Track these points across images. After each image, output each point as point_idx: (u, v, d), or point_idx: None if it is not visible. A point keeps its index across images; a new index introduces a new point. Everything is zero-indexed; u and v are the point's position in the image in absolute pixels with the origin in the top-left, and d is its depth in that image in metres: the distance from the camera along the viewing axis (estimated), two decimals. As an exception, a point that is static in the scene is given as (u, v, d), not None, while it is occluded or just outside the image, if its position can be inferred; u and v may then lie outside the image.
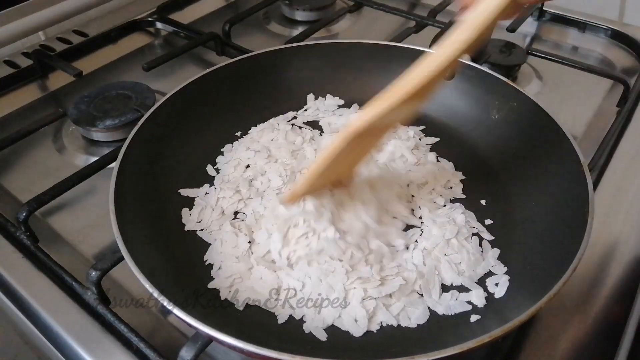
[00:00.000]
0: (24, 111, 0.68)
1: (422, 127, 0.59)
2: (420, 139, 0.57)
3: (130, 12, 0.85)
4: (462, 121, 0.58)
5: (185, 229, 0.48)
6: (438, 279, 0.44)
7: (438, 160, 0.55)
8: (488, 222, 0.49)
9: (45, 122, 0.61)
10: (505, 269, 0.45)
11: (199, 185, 0.53)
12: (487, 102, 0.57)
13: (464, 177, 0.53)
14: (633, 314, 0.44)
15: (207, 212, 0.49)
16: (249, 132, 0.59)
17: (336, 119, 0.60)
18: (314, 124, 0.60)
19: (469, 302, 0.43)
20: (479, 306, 0.42)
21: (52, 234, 0.52)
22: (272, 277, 0.43)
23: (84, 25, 0.83)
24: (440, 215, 0.48)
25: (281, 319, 0.41)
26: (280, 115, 0.60)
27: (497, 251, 0.46)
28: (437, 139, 0.58)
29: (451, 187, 0.52)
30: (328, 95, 0.63)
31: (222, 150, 0.57)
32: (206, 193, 0.52)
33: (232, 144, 0.57)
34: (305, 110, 0.61)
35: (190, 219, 0.49)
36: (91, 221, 0.53)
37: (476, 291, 0.43)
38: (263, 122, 0.59)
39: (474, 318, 0.41)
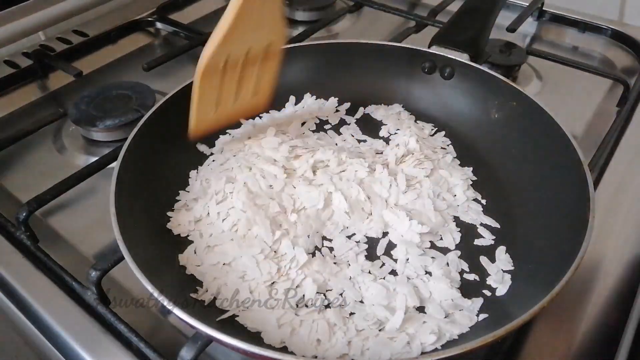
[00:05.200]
0: (24, 111, 0.68)
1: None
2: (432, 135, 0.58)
3: (130, 12, 0.85)
4: (462, 121, 0.58)
5: (168, 226, 0.48)
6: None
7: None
8: (488, 221, 0.49)
9: (45, 122, 0.61)
10: (513, 267, 0.45)
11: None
12: (487, 102, 0.57)
13: (474, 179, 0.53)
14: (633, 314, 0.44)
15: (185, 218, 0.49)
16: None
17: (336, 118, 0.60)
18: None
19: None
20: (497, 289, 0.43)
21: (52, 234, 0.52)
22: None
23: (84, 25, 0.82)
24: (460, 213, 0.49)
25: None
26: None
27: (503, 248, 0.46)
28: (443, 132, 0.58)
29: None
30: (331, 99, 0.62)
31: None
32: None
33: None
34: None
35: (173, 222, 0.48)
36: (91, 221, 0.53)
37: (495, 275, 0.44)
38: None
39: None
